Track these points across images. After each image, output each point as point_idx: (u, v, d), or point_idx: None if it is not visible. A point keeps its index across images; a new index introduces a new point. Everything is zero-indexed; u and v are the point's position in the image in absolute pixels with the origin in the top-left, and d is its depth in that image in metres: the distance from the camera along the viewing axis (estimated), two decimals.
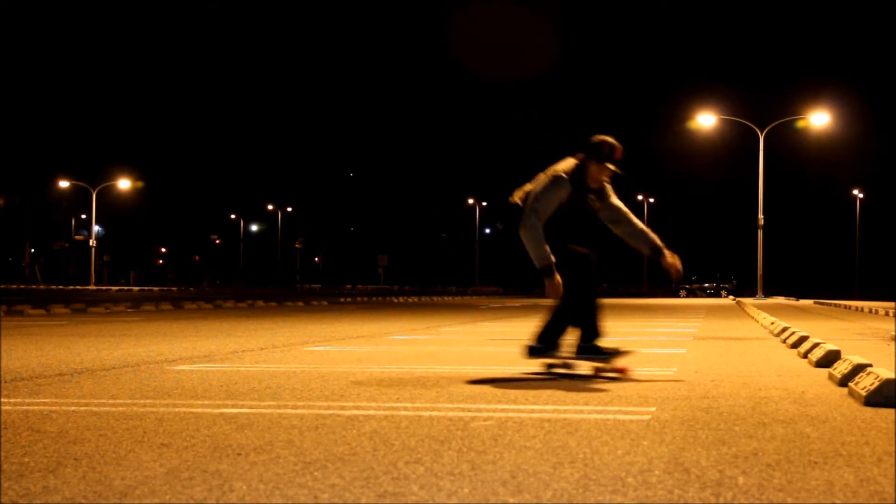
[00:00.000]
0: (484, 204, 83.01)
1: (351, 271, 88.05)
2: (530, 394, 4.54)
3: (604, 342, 5.54)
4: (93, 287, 56.15)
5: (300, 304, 25.03)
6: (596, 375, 5.36)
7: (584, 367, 5.45)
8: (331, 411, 3.92)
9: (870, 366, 4.64)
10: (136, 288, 54.83)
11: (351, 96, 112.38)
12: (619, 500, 2.38)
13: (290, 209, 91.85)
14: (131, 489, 2.49)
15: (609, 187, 5.77)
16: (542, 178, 5.56)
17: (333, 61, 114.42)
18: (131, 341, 8.63)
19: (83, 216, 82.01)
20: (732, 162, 67.79)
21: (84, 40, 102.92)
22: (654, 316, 17.38)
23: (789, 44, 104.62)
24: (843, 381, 4.76)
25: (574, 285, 5.47)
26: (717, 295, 61.54)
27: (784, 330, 8.81)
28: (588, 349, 5.50)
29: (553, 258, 5.35)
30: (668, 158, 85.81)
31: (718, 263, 75.92)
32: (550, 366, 5.60)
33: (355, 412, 3.90)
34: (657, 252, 5.73)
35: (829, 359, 5.78)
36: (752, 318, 15.38)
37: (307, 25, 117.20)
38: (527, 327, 12.44)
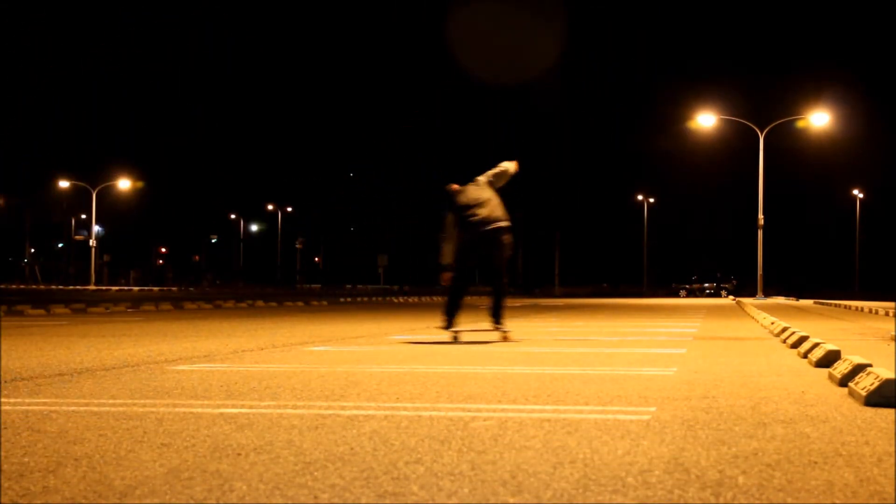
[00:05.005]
0: None
1: (351, 271, 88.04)
2: (530, 394, 4.54)
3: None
4: (93, 287, 56.14)
5: (300, 304, 25.03)
6: None
7: None
8: (331, 411, 3.92)
9: (870, 366, 4.64)
10: (136, 288, 54.82)
11: (351, 96, 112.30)
12: (619, 500, 2.38)
13: (290, 209, 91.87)
14: (131, 489, 2.49)
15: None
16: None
17: (333, 61, 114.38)
18: (131, 341, 8.63)
19: (83, 216, 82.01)
20: (732, 162, 67.78)
21: (84, 40, 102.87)
22: (654, 316, 17.38)
23: (789, 44, 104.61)
24: (843, 381, 4.76)
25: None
26: (717, 295, 61.53)
27: (784, 330, 8.80)
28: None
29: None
30: (668, 158, 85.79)
31: (718, 263, 75.88)
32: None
33: (355, 412, 3.90)
34: None
35: (829, 359, 5.78)
36: (752, 318, 15.38)
37: (307, 25, 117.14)
38: (527, 327, 12.43)
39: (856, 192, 72.95)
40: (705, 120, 43.88)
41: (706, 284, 66.73)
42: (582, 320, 15.18)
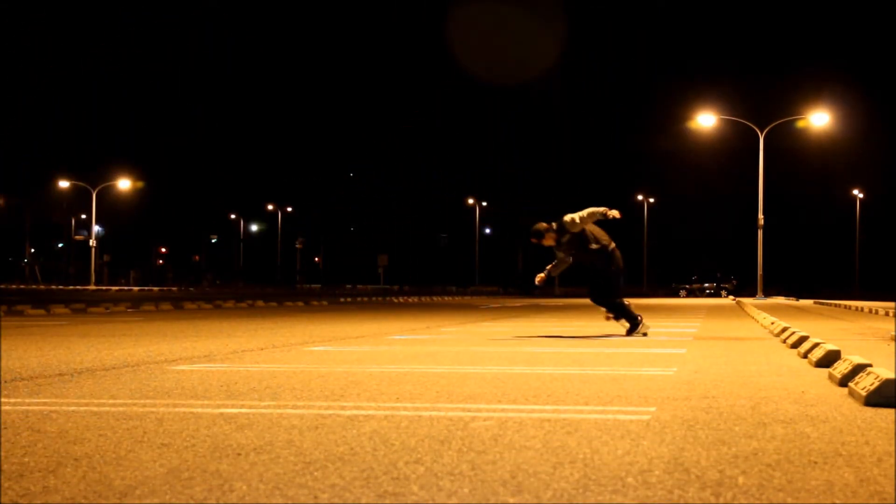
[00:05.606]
0: (484, 204, 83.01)
1: (351, 271, 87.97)
2: (530, 394, 4.54)
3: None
4: (93, 287, 56.15)
5: (300, 304, 25.03)
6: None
7: None
8: (331, 411, 3.92)
9: (870, 366, 4.64)
10: (135, 288, 54.82)
11: (351, 96, 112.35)
12: (619, 500, 2.38)
13: (290, 209, 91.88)
14: (131, 489, 2.49)
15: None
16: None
17: (333, 61, 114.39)
18: (131, 341, 8.63)
19: (83, 216, 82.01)
20: (732, 162, 67.83)
21: (84, 40, 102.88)
22: (655, 316, 17.37)
23: (789, 44, 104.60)
24: (843, 381, 4.76)
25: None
26: (717, 295, 61.50)
27: (784, 330, 8.81)
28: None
29: None
30: (668, 158, 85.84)
31: (718, 263, 75.86)
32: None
33: (355, 412, 3.90)
34: None
35: (829, 359, 5.78)
36: (752, 318, 15.38)
37: (307, 25, 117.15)
38: (527, 327, 12.44)
39: (856, 192, 72.94)
40: (705, 120, 43.91)
41: (706, 284, 66.66)
42: (582, 320, 15.17)
